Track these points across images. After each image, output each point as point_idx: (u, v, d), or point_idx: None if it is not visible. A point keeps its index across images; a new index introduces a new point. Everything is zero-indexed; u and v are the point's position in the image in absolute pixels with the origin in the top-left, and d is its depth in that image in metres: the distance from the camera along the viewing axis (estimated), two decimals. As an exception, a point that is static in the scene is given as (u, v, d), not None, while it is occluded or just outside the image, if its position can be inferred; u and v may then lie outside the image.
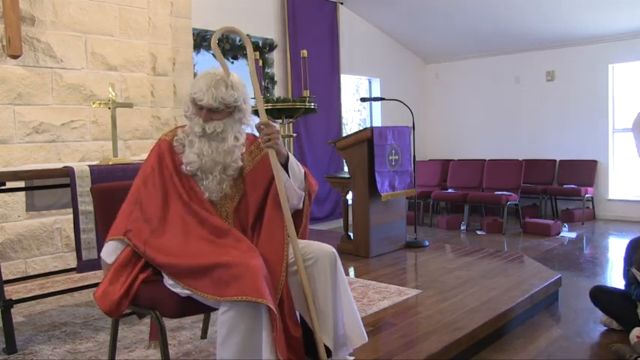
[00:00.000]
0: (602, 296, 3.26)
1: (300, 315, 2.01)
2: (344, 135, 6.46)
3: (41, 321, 3.00)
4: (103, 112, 4.28)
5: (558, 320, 3.41)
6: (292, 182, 2.07)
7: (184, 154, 2.04)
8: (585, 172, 7.52)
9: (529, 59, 8.13)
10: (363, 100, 5.57)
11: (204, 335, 2.68)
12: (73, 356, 2.49)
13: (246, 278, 1.73)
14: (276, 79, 6.59)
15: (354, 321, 2.07)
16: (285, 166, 2.07)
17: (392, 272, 3.96)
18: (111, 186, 2.22)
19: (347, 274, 3.98)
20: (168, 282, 1.93)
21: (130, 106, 3.29)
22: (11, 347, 2.54)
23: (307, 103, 4.22)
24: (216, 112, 2.02)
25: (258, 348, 1.75)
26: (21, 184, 2.96)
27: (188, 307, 1.95)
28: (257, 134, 2.12)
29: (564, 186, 7.50)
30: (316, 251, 1.99)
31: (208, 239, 1.92)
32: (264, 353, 1.74)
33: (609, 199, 7.57)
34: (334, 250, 2.02)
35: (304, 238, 2.15)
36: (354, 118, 8.68)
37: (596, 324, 3.30)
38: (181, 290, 1.88)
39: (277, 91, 6.59)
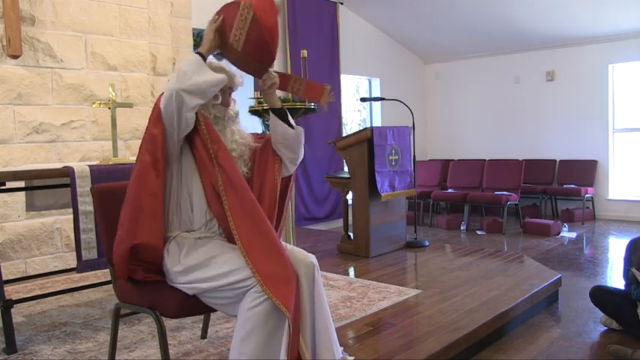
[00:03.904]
0: (602, 296, 3.26)
1: None
2: (344, 135, 6.46)
3: (41, 321, 3.00)
4: (103, 112, 4.28)
5: (558, 320, 3.41)
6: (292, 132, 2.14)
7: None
8: (585, 172, 7.52)
9: (529, 59, 8.13)
10: (363, 100, 5.57)
11: (204, 335, 2.68)
12: (73, 356, 2.49)
13: (291, 285, 1.80)
14: (276, 79, 6.59)
15: (326, 337, 1.98)
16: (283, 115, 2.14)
17: (392, 272, 3.96)
18: (111, 186, 2.22)
19: (347, 274, 3.98)
20: (177, 280, 1.93)
21: (130, 106, 3.29)
22: (11, 347, 2.54)
23: (307, 103, 4.22)
24: (230, 95, 2.09)
25: (277, 350, 1.76)
26: (21, 184, 2.96)
27: (188, 307, 1.96)
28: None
29: (564, 186, 7.50)
30: (295, 260, 1.94)
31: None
32: (282, 353, 1.76)
33: (609, 199, 7.57)
34: (314, 260, 1.97)
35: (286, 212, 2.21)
36: (354, 118, 8.68)
37: (596, 324, 3.30)
38: (189, 286, 1.89)
39: (277, 91, 6.58)
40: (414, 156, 4.86)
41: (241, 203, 1.89)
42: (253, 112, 4.10)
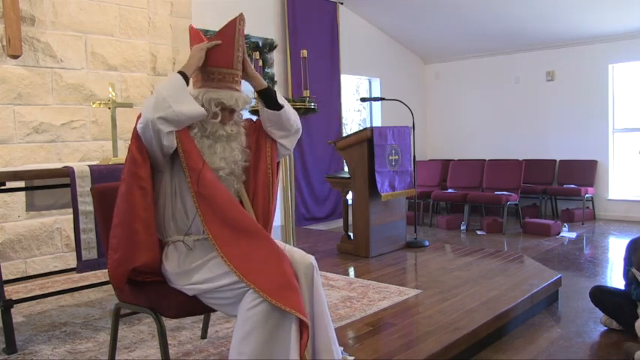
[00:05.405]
0: (602, 296, 3.27)
1: None
2: (344, 135, 6.46)
3: (41, 321, 3.00)
4: (103, 112, 4.28)
5: (558, 320, 3.41)
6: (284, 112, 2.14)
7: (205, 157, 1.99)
8: (585, 172, 7.52)
9: (529, 59, 8.13)
10: (363, 100, 5.57)
11: (204, 335, 2.68)
12: (73, 356, 2.49)
13: (297, 290, 1.79)
14: (276, 79, 6.59)
15: (325, 337, 1.98)
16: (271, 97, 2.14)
17: (392, 272, 3.96)
18: (111, 186, 2.21)
19: (347, 274, 3.98)
20: (177, 283, 1.93)
21: (129, 106, 3.29)
22: (11, 347, 2.54)
23: (307, 103, 4.22)
24: (233, 113, 2.05)
25: (277, 350, 1.76)
26: (21, 184, 2.96)
27: (188, 307, 1.96)
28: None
29: (564, 186, 7.50)
30: (293, 261, 1.93)
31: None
32: (292, 353, 1.77)
33: (609, 199, 7.57)
34: (313, 261, 1.96)
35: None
36: (354, 118, 8.68)
37: (596, 324, 3.30)
38: (189, 287, 1.89)
39: (277, 91, 6.58)
40: (414, 156, 4.86)
41: (225, 227, 1.87)
42: (253, 111, 4.10)
